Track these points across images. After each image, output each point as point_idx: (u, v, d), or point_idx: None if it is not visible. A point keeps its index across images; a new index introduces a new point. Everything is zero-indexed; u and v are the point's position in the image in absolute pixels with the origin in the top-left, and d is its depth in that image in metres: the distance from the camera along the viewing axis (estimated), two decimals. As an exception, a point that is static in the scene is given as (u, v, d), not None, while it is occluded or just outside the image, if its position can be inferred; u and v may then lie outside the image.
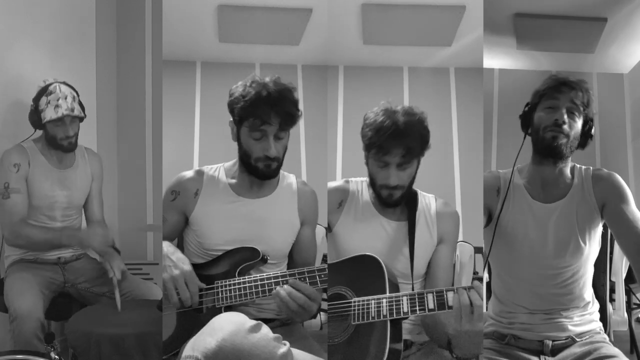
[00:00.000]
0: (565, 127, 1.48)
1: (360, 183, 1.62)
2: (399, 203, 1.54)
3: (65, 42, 2.66)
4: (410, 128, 1.45)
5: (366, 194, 1.59)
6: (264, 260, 1.52)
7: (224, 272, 1.50)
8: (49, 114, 2.05)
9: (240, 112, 1.52)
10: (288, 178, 1.69)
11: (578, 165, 1.57)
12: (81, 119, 2.16)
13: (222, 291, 1.47)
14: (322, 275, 1.41)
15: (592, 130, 1.54)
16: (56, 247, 2.13)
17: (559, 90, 1.52)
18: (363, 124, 1.53)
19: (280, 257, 1.63)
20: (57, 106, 2.05)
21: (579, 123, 1.51)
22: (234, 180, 1.62)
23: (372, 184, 1.54)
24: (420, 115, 1.49)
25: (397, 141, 1.44)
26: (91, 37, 2.88)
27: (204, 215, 1.58)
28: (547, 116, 1.51)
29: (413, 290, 1.48)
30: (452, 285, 1.58)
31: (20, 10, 2.39)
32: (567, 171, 1.55)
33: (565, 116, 1.49)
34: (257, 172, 1.55)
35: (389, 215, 1.56)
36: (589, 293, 1.56)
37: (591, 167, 1.57)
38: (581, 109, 1.51)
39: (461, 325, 1.25)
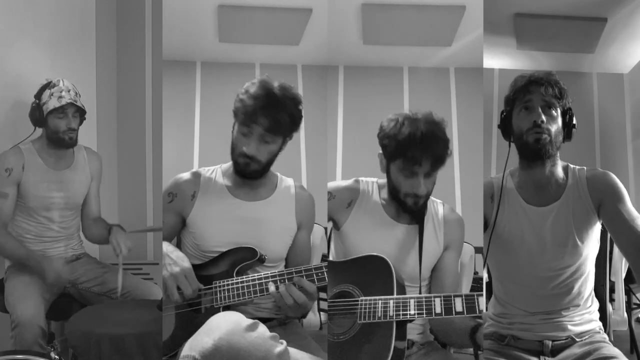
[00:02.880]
0: (545, 125, 1.46)
1: (371, 184, 1.62)
2: (422, 210, 1.54)
3: (65, 42, 2.66)
4: (436, 136, 1.45)
5: (376, 195, 1.59)
6: (261, 260, 1.52)
7: (222, 272, 1.50)
8: (52, 104, 2.06)
9: (236, 105, 1.53)
10: (286, 181, 1.68)
11: (572, 166, 1.56)
12: (82, 115, 2.18)
13: (220, 291, 1.47)
14: (320, 274, 1.41)
15: (574, 120, 1.52)
16: (20, 264, 2.07)
17: (529, 90, 1.50)
18: (381, 132, 1.51)
19: (276, 259, 1.62)
20: (60, 97, 2.07)
21: (558, 117, 1.50)
22: (231, 182, 1.62)
23: (394, 192, 1.53)
24: (442, 123, 1.49)
25: (426, 151, 1.44)
26: (91, 37, 2.88)
27: (201, 218, 1.58)
28: (525, 119, 1.49)
29: (421, 293, 1.49)
30: (457, 290, 1.59)
31: (20, 10, 2.39)
32: (559, 171, 1.53)
33: (543, 115, 1.47)
34: (237, 167, 1.56)
35: (398, 218, 1.56)
36: (588, 291, 1.55)
37: (585, 167, 1.55)
38: (555, 102, 1.49)
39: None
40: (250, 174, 1.56)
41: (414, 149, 1.44)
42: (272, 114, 1.49)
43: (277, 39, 3.61)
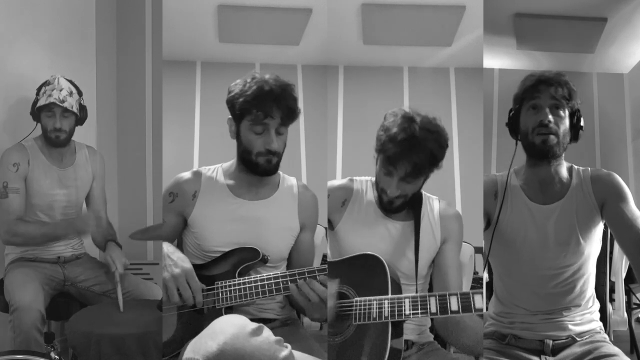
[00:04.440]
0: (552, 125, 1.46)
1: (365, 182, 1.61)
2: (398, 210, 1.53)
3: (65, 42, 2.66)
4: (423, 145, 1.39)
5: (370, 193, 1.58)
6: (264, 261, 1.51)
7: (224, 273, 1.50)
8: (41, 102, 2.08)
9: (241, 106, 1.51)
10: (289, 181, 1.68)
11: (576, 167, 1.57)
12: (77, 118, 2.16)
13: (222, 292, 1.47)
14: (322, 276, 1.41)
15: (581, 122, 1.52)
16: (53, 240, 2.13)
17: (538, 90, 1.49)
18: (382, 123, 1.48)
19: (278, 260, 1.62)
20: (49, 95, 2.06)
21: (566, 118, 1.49)
22: (232, 181, 1.61)
23: (376, 184, 1.53)
24: (440, 133, 1.43)
25: (405, 156, 1.40)
26: (91, 37, 2.88)
27: (202, 217, 1.57)
28: (532, 118, 1.49)
29: (417, 291, 1.48)
30: (461, 284, 1.58)
31: (20, 10, 2.39)
32: (564, 170, 1.54)
33: (550, 115, 1.47)
34: (258, 168, 1.55)
35: (393, 215, 1.55)
36: (589, 291, 1.55)
37: (589, 168, 1.56)
38: (564, 102, 1.49)
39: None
40: (271, 170, 1.56)
41: (394, 151, 1.41)
42: (284, 104, 1.50)
43: (277, 39, 3.61)
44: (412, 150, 1.39)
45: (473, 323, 1.38)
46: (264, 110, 1.49)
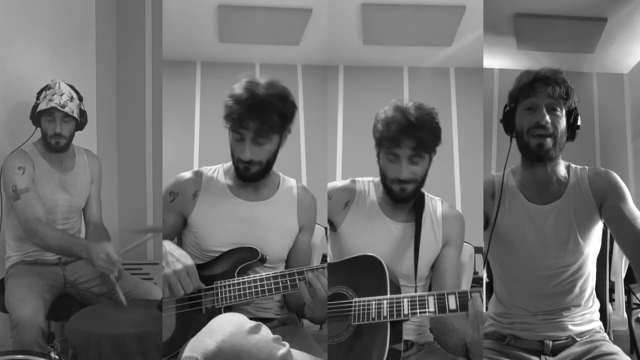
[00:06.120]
0: (549, 126, 1.44)
1: (367, 183, 1.61)
2: (411, 198, 1.52)
3: (65, 42, 2.66)
4: (421, 122, 1.45)
5: (373, 194, 1.58)
6: (262, 260, 1.51)
7: (223, 273, 1.50)
8: (41, 106, 2.07)
9: (225, 112, 1.53)
10: (288, 182, 1.68)
11: (573, 165, 1.55)
12: (77, 123, 2.16)
13: (221, 292, 1.47)
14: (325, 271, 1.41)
15: (579, 120, 1.49)
16: (65, 254, 2.10)
17: (534, 88, 1.46)
18: (375, 122, 1.53)
19: (277, 260, 1.62)
20: (50, 100, 2.06)
21: (562, 118, 1.46)
22: (232, 182, 1.62)
23: (383, 179, 1.53)
24: (431, 111, 1.49)
25: (408, 134, 1.44)
26: (91, 37, 2.88)
27: (202, 217, 1.57)
28: (528, 118, 1.46)
29: (416, 292, 1.48)
30: (459, 287, 1.58)
31: (20, 11, 2.39)
32: (561, 169, 1.52)
33: (547, 116, 1.44)
34: (238, 172, 1.56)
35: (395, 216, 1.55)
36: (589, 291, 1.55)
37: (587, 167, 1.54)
38: (561, 101, 1.45)
39: (478, 333, 1.26)
40: (252, 177, 1.56)
41: (396, 132, 1.45)
42: (259, 116, 1.47)
43: (277, 39, 3.61)
44: (413, 128, 1.44)
45: (462, 328, 1.36)
46: (235, 120, 1.49)
